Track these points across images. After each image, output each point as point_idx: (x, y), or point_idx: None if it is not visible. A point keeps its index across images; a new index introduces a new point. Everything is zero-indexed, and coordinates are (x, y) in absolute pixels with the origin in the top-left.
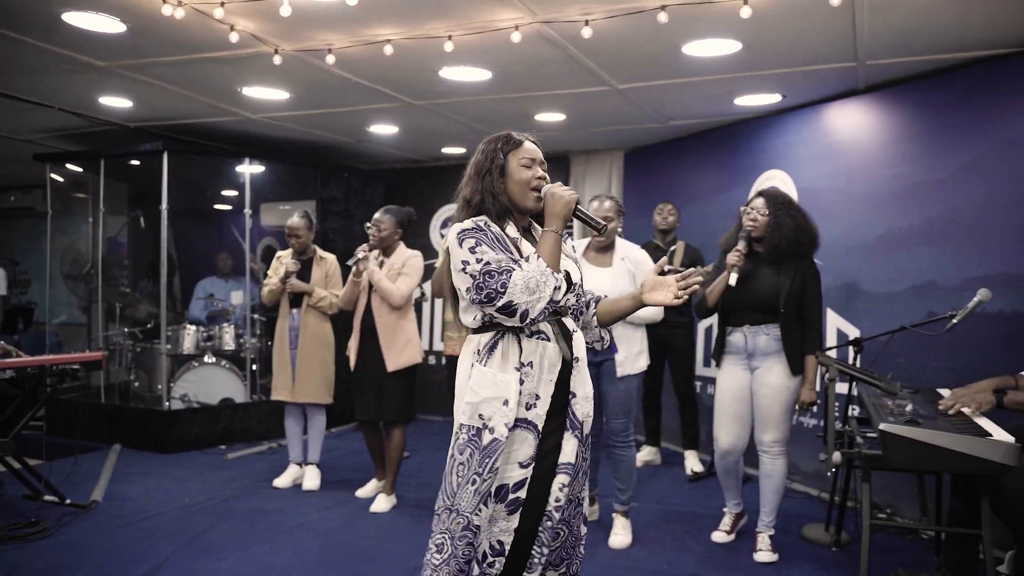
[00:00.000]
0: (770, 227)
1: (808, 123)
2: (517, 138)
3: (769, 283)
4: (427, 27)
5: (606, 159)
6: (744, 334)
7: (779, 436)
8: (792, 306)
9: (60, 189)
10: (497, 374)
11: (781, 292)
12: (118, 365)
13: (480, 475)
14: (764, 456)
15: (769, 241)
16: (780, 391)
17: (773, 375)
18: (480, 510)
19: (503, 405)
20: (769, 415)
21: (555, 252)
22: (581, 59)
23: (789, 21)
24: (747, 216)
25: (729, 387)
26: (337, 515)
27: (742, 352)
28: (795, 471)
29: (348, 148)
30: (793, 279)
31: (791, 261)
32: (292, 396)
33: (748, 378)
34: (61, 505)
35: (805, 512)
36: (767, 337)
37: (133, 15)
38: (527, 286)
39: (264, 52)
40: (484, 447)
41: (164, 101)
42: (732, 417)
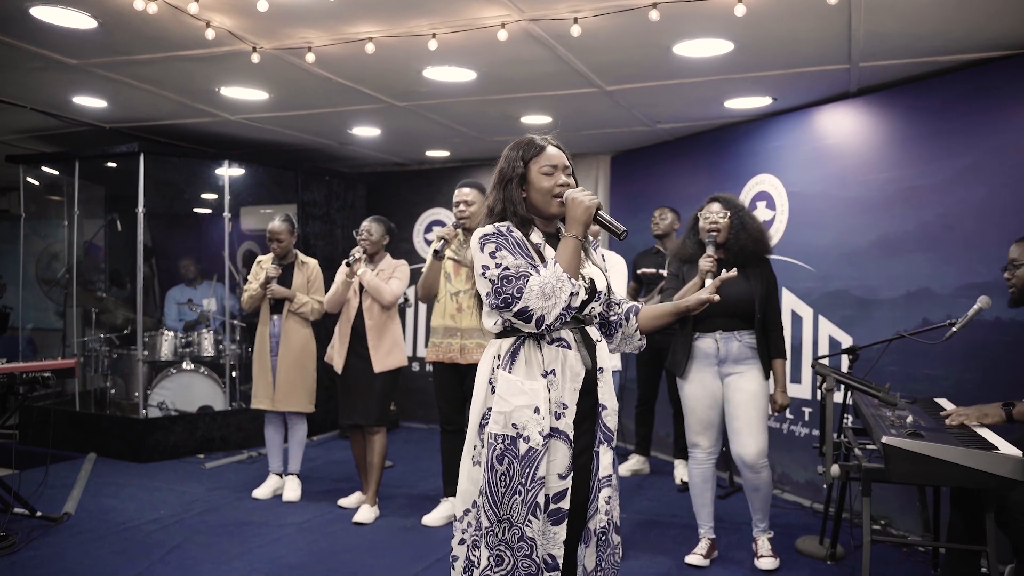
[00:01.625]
0: (734, 229)
1: (799, 127)
2: (539, 143)
3: (739, 288)
4: (410, 24)
5: (592, 163)
6: (715, 340)
7: (761, 447)
8: (763, 311)
9: (35, 191)
10: (525, 382)
11: (755, 298)
12: (94, 372)
13: (524, 485)
14: (748, 473)
15: (735, 243)
16: (757, 396)
17: (747, 380)
18: (530, 521)
19: (535, 413)
20: (748, 422)
21: (574, 258)
22: (569, 59)
23: (784, 21)
24: (706, 221)
25: (700, 395)
26: (318, 527)
27: (712, 358)
28: (786, 480)
29: (330, 151)
30: (762, 283)
31: (754, 265)
32: (272, 404)
33: (719, 385)
34: (32, 518)
35: (797, 523)
36: (740, 344)
37: (104, 10)
38: (543, 292)
39: (242, 50)
40: (522, 456)
41: (140, 101)
42: (707, 424)
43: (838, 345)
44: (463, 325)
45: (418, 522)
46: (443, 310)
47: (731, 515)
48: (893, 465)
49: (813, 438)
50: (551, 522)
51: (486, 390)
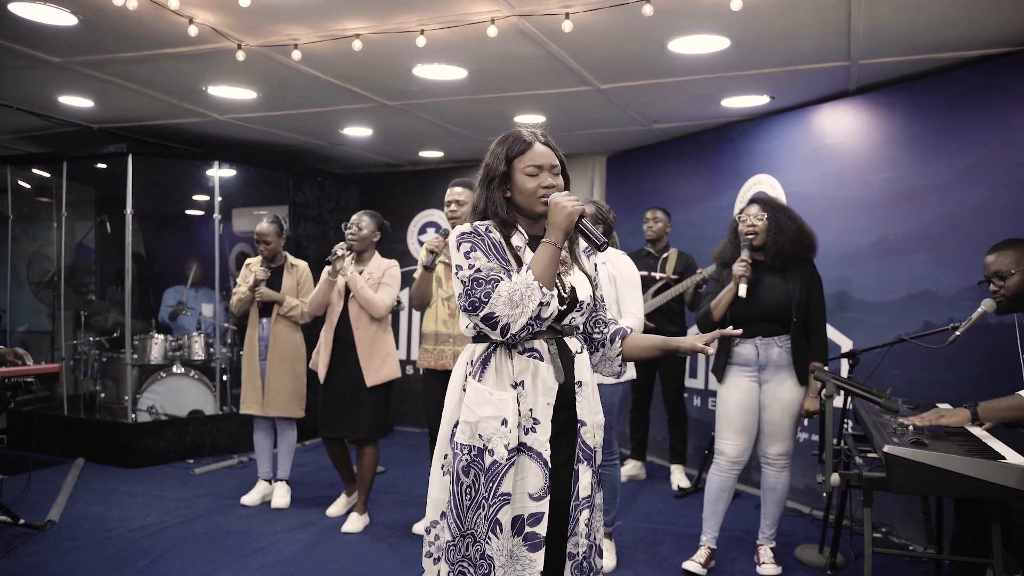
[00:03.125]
0: (771, 231)
1: (797, 126)
2: (526, 139)
3: (778, 292)
4: (398, 20)
5: (588, 163)
6: (755, 346)
7: (787, 448)
8: (802, 315)
9: (25, 193)
10: (494, 392)
11: (793, 301)
12: (84, 375)
13: (487, 500)
14: (768, 469)
15: (773, 246)
16: (791, 405)
17: (785, 390)
18: (490, 539)
19: (501, 425)
20: (779, 428)
21: (549, 265)
22: (562, 56)
23: (781, 16)
24: (744, 224)
25: (736, 399)
26: (306, 536)
27: (752, 364)
28: None
29: (322, 152)
30: (801, 287)
31: (795, 268)
32: (262, 409)
33: (756, 390)
34: (14, 525)
35: (796, 531)
36: (780, 349)
37: (83, 6)
38: (511, 299)
39: (226, 47)
40: (487, 470)
41: (126, 101)
42: (740, 430)
43: (837, 349)
44: (455, 331)
45: (408, 531)
46: (435, 315)
47: (731, 524)
48: (895, 475)
49: (813, 443)
50: (527, 547)
51: (459, 397)
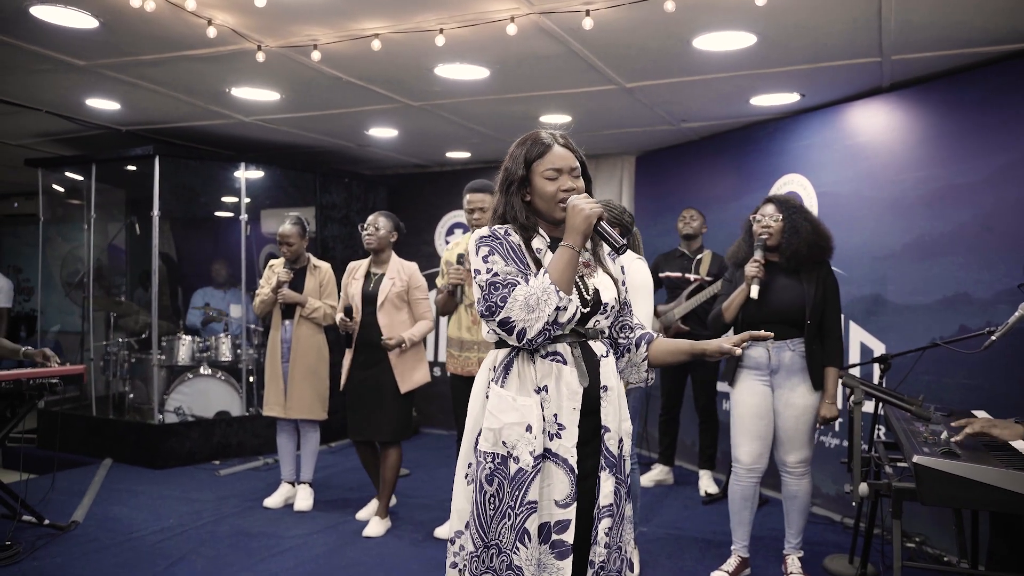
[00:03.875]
0: (786, 232)
1: (829, 124)
2: (545, 142)
3: (792, 294)
4: (416, 19)
5: (617, 164)
6: (767, 349)
7: (804, 456)
8: (816, 318)
9: (58, 195)
10: (517, 397)
11: (807, 303)
12: (113, 376)
13: (513, 509)
14: (788, 477)
15: (788, 247)
16: (806, 411)
17: (799, 395)
18: (518, 548)
19: (526, 432)
20: (795, 436)
21: (567, 269)
22: (584, 54)
23: (809, 11)
24: (759, 224)
25: (749, 403)
26: (327, 539)
27: (764, 368)
28: (816, 494)
29: (350, 153)
30: (816, 288)
31: (810, 269)
32: (284, 411)
33: (769, 395)
34: (39, 526)
35: (827, 540)
36: (792, 353)
37: (103, 8)
38: (527, 303)
39: (247, 49)
40: (512, 478)
41: (152, 103)
42: (754, 436)
43: (870, 353)
44: (479, 338)
45: (430, 534)
46: (459, 322)
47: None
48: (926, 487)
49: (844, 450)
50: (554, 555)
51: (482, 404)
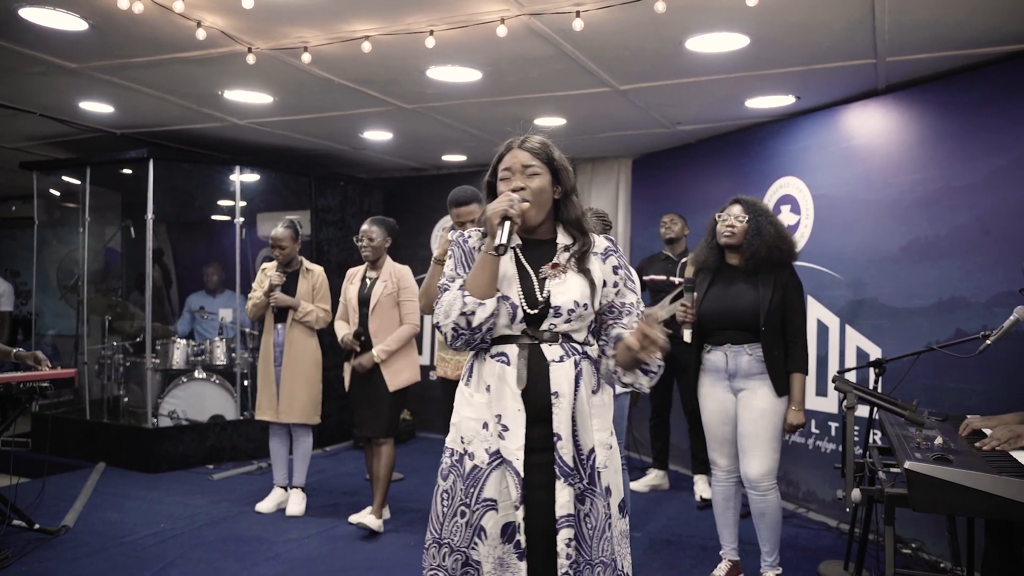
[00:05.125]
0: (749, 233)
1: (824, 126)
2: (508, 145)
3: (748, 298)
4: (406, 21)
5: (613, 167)
6: (725, 354)
7: (767, 468)
8: (774, 322)
9: (54, 198)
10: (475, 395)
11: (761, 308)
12: (108, 379)
13: (468, 506)
14: (753, 494)
15: (748, 248)
16: (767, 415)
17: (757, 398)
18: (476, 544)
19: (483, 428)
20: (756, 442)
21: (479, 274)
22: (576, 56)
23: (801, 11)
24: (723, 223)
25: (712, 409)
26: (319, 544)
27: (722, 372)
28: (811, 499)
29: (345, 156)
30: (773, 292)
31: (769, 272)
32: (277, 416)
33: (732, 400)
34: (28, 531)
35: (822, 545)
36: (750, 357)
37: (92, 10)
38: (443, 307)
39: (237, 51)
40: (467, 475)
41: (145, 106)
42: (722, 440)
43: (866, 357)
44: None
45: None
46: None
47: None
48: (917, 493)
49: (839, 455)
50: (516, 555)
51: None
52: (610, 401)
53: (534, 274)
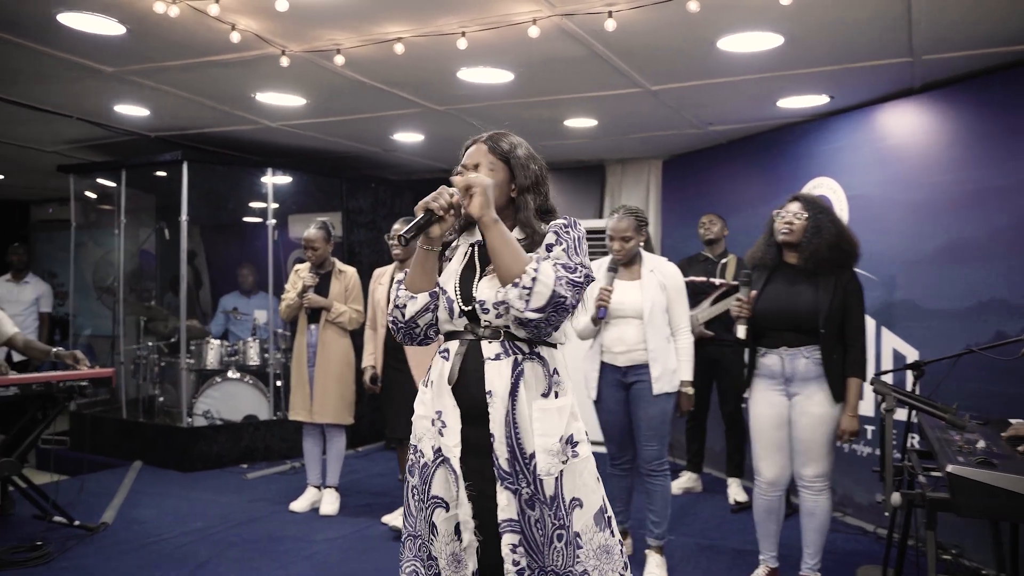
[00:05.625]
0: (808, 232)
1: (859, 126)
2: (471, 142)
3: (807, 299)
4: (438, 22)
5: (643, 168)
6: (780, 357)
7: (822, 470)
8: (833, 325)
9: (90, 200)
10: (425, 391)
11: (820, 310)
12: (144, 379)
13: (423, 502)
14: (805, 492)
15: (807, 247)
16: (823, 421)
17: (814, 404)
18: (431, 539)
19: (431, 425)
20: (811, 447)
21: (414, 268)
22: (608, 57)
23: (836, 11)
24: (781, 220)
25: (765, 414)
26: (353, 544)
27: (778, 377)
28: (848, 503)
29: (376, 158)
30: (834, 294)
31: (830, 274)
32: (310, 416)
33: (785, 404)
34: (69, 527)
35: (859, 550)
36: (807, 361)
37: (128, 14)
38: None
39: (270, 53)
40: (420, 472)
41: (180, 109)
42: (773, 447)
43: (903, 359)
44: None
45: None
46: None
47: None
48: (961, 497)
49: (876, 458)
50: (465, 553)
51: None
52: (567, 407)
53: (480, 271)
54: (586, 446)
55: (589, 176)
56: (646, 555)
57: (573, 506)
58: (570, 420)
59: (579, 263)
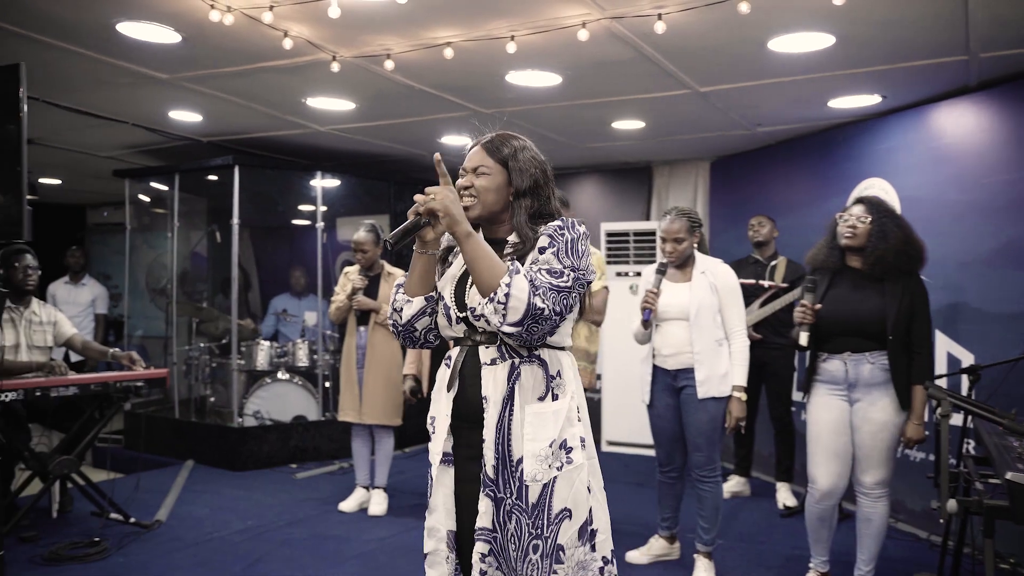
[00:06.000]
0: (873, 236)
1: (912, 126)
2: (474, 143)
3: (873, 304)
4: (488, 27)
5: (691, 169)
6: (844, 362)
7: (883, 477)
8: (900, 331)
9: (144, 204)
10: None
11: (888, 316)
12: (195, 380)
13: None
14: (863, 499)
15: (873, 252)
16: (885, 428)
17: (878, 410)
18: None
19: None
20: (872, 454)
21: (410, 271)
22: (657, 59)
23: (890, 9)
24: (844, 224)
25: (825, 420)
26: (402, 543)
27: (840, 382)
28: (900, 509)
29: (423, 161)
30: (901, 300)
31: (896, 279)
32: (359, 417)
33: (847, 410)
34: (124, 524)
35: (912, 558)
36: (872, 366)
37: (184, 23)
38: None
39: (321, 59)
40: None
41: (232, 114)
42: (832, 454)
43: (957, 363)
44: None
45: None
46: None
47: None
48: (1020, 505)
49: (930, 464)
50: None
51: None
52: (564, 410)
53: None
54: (580, 452)
55: (636, 177)
56: (694, 559)
57: (562, 517)
58: (566, 424)
59: (569, 266)
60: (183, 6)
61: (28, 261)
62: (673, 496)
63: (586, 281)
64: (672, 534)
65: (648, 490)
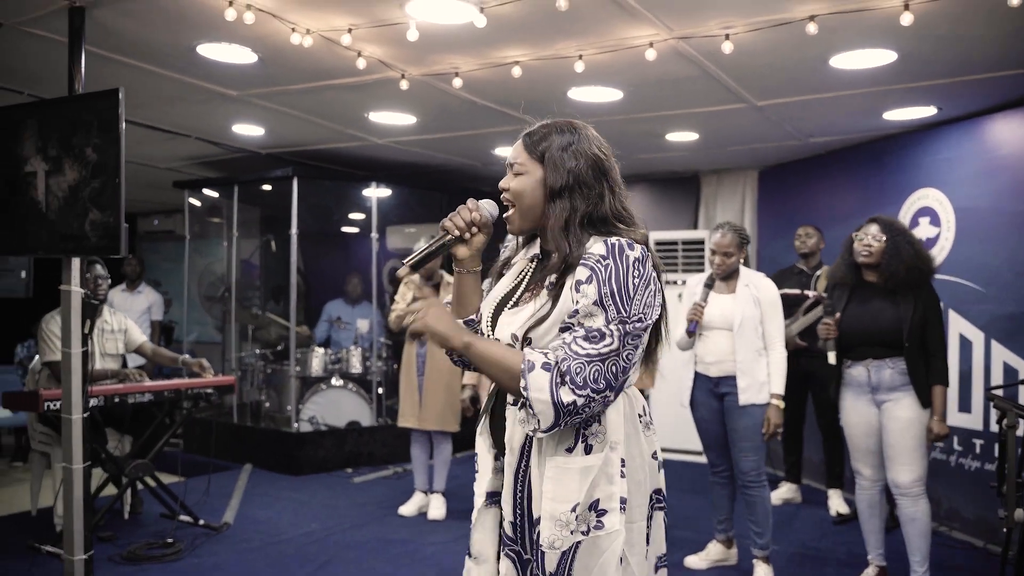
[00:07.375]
0: (887, 254)
1: (967, 137)
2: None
3: (889, 315)
4: (557, 47)
5: (739, 178)
6: (867, 368)
7: (916, 475)
8: (916, 338)
9: (197, 213)
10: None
11: (904, 326)
12: (250, 385)
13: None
14: (903, 500)
15: (887, 269)
16: (912, 424)
17: (903, 408)
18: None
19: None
20: (902, 450)
21: (453, 291)
22: (719, 76)
23: (952, 25)
24: (860, 242)
25: (855, 423)
26: (462, 547)
27: (865, 386)
28: (955, 517)
29: (474, 171)
30: (914, 310)
31: (908, 290)
32: (418, 423)
33: (875, 412)
34: (194, 526)
35: (969, 566)
36: (892, 371)
37: (264, 45)
38: None
39: (391, 77)
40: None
41: (294, 128)
42: (867, 452)
43: (1014, 374)
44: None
45: None
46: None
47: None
48: None
49: (985, 472)
50: None
51: None
52: (596, 466)
53: (518, 297)
54: (616, 517)
55: (683, 187)
56: (753, 564)
57: None
58: (600, 482)
59: (616, 318)
60: (265, 29)
61: (99, 271)
62: (727, 497)
63: (644, 327)
64: (728, 537)
65: (701, 497)
